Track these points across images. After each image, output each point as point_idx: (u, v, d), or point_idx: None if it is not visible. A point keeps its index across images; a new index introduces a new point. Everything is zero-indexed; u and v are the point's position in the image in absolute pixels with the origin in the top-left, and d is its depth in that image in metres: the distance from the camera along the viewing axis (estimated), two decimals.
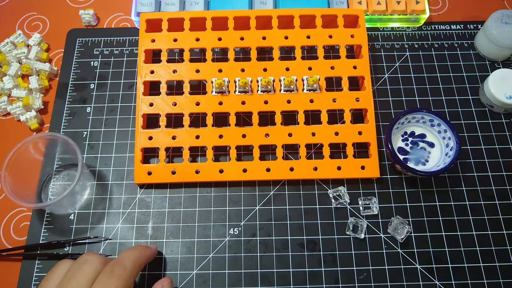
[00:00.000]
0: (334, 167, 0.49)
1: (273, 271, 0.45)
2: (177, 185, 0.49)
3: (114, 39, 0.58)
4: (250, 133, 0.49)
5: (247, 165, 0.48)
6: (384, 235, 0.47)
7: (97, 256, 0.37)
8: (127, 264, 0.37)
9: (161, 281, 0.40)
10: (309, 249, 0.46)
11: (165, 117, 0.50)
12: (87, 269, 0.35)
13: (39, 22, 0.61)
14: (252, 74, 0.51)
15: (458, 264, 0.46)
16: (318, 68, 0.51)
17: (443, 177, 0.50)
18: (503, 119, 0.53)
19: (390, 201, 0.49)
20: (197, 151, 0.51)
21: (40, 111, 0.54)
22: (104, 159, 0.51)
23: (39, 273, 0.45)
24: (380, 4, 0.57)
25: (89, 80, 0.55)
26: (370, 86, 0.51)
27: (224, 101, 0.50)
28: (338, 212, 0.48)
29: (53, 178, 0.50)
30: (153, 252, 0.44)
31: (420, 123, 0.50)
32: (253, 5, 0.57)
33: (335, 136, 0.49)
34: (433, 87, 0.55)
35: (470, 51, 0.57)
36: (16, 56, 0.56)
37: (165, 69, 0.51)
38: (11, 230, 0.48)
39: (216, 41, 0.52)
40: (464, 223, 0.48)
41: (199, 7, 0.56)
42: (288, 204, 0.49)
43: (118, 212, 0.48)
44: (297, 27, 0.52)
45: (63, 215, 0.48)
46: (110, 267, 0.36)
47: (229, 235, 0.47)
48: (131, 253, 0.39)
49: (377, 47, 0.57)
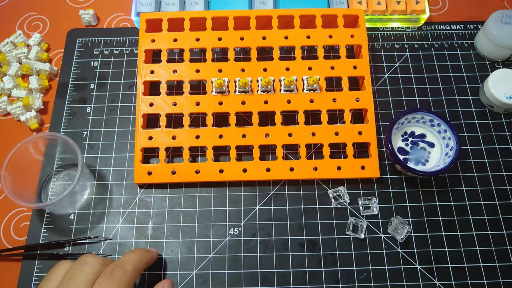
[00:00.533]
0: (334, 167, 0.49)
1: (273, 271, 0.45)
2: (177, 185, 0.49)
3: (114, 39, 0.58)
4: (250, 133, 0.49)
5: (247, 165, 0.48)
6: (384, 235, 0.47)
7: (97, 257, 0.37)
8: (127, 267, 0.37)
9: (161, 283, 0.40)
10: (309, 249, 0.46)
11: (165, 117, 0.50)
12: (87, 270, 0.35)
13: (39, 22, 0.61)
14: (252, 74, 0.51)
15: (458, 264, 0.46)
16: (318, 68, 0.51)
17: (443, 177, 0.50)
18: (503, 119, 0.53)
19: (390, 201, 0.49)
20: (197, 151, 0.51)
21: (40, 111, 0.55)
22: (104, 159, 0.51)
23: (39, 273, 0.45)
24: (380, 4, 0.57)
25: (89, 80, 0.55)
26: (370, 86, 0.51)
27: (224, 101, 0.50)
28: (338, 212, 0.48)
29: (53, 178, 0.50)
30: (154, 255, 0.44)
31: (420, 123, 0.50)
32: (253, 5, 0.57)
33: (335, 136, 0.49)
34: (433, 87, 0.55)
35: (470, 51, 0.57)
36: (16, 56, 0.56)
37: (165, 69, 0.51)
38: (11, 230, 0.48)
39: (216, 41, 0.52)
40: (464, 223, 0.48)
41: (199, 7, 0.56)
42: (288, 204, 0.49)
43: (118, 212, 0.48)
44: (297, 27, 0.52)
45: (63, 215, 0.48)
46: (110, 269, 0.36)
47: (229, 235, 0.47)
48: (132, 256, 0.39)
49: (377, 47, 0.57)
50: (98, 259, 0.37)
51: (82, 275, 0.35)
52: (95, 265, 0.36)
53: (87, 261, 0.36)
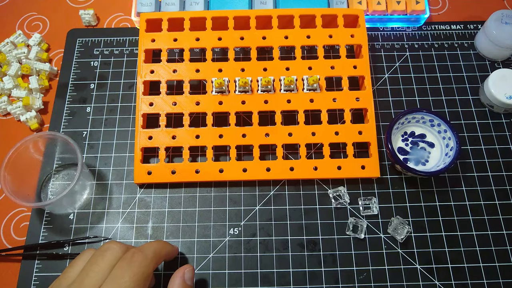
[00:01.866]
0: (334, 167, 0.49)
1: (273, 271, 0.45)
2: (177, 185, 0.49)
3: (114, 39, 0.58)
4: (250, 133, 0.49)
5: (247, 165, 0.48)
6: (384, 235, 0.47)
7: (119, 244, 0.38)
8: (148, 252, 0.38)
9: (181, 268, 0.40)
10: (309, 249, 0.46)
11: (165, 116, 0.50)
12: (109, 255, 0.36)
13: (39, 22, 0.61)
14: (252, 73, 0.51)
15: (458, 264, 0.46)
16: (318, 67, 0.51)
17: (443, 177, 0.50)
18: (503, 119, 0.53)
19: (390, 201, 0.49)
20: (197, 151, 0.51)
21: (40, 111, 0.54)
22: (104, 159, 0.51)
23: (38, 273, 0.45)
24: (380, 4, 0.57)
25: (89, 80, 0.55)
26: (370, 85, 0.51)
27: (224, 101, 0.50)
28: (338, 212, 0.48)
29: (52, 178, 0.50)
30: (175, 249, 0.44)
31: (420, 123, 0.50)
32: (253, 5, 0.57)
33: (335, 135, 0.49)
34: (433, 87, 0.55)
35: (470, 51, 0.57)
36: (16, 56, 0.56)
37: (165, 69, 0.51)
38: (11, 230, 0.48)
39: (216, 41, 0.52)
40: (464, 223, 0.47)
41: (199, 7, 0.56)
42: (288, 204, 0.48)
43: (118, 212, 0.48)
44: (297, 27, 0.52)
45: (62, 214, 0.48)
46: (131, 253, 0.37)
47: (229, 235, 0.47)
48: (153, 244, 0.40)
49: (377, 47, 0.57)
50: (120, 246, 0.37)
51: (104, 260, 0.36)
52: (117, 251, 0.37)
53: (109, 247, 0.37)
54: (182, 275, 0.39)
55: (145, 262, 0.37)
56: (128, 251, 0.37)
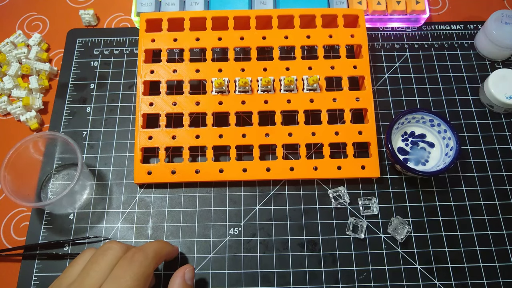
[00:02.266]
0: (334, 167, 0.49)
1: (273, 271, 0.45)
2: (177, 185, 0.49)
3: (114, 39, 0.58)
4: (250, 133, 0.49)
5: (247, 165, 0.48)
6: (384, 235, 0.47)
7: (120, 243, 0.38)
8: (148, 252, 0.38)
9: (182, 268, 0.40)
10: (309, 249, 0.46)
11: (165, 116, 0.50)
12: (110, 255, 0.36)
13: (39, 22, 0.61)
14: (252, 73, 0.51)
15: (458, 264, 0.46)
16: (318, 67, 0.51)
17: (443, 177, 0.50)
18: (503, 119, 0.53)
19: (390, 201, 0.49)
20: (197, 151, 0.51)
21: (40, 111, 0.54)
22: (104, 159, 0.51)
23: (38, 273, 0.45)
24: (380, 4, 0.57)
25: (89, 80, 0.55)
26: (370, 85, 0.51)
27: (224, 101, 0.50)
28: (338, 212, 0.48)
29: (52, 178, 0.50)
30: (175, 249, 0.44)
31: (420, 123, 0.50)
32: (253, 5, 0.57)
33: (335, 135, 0.49)
34: (433, 87, 0.55)
35: (470, 51, 0.57)
36: (16, 56, 0.56)
37: (165, 69, 0.51)
38: (11, 230, 0.48)
39: (216, 41, 0.52)
40: (464, 223, 0.47)
41: (199, 7, 0.56)
42: (288, 204, 0.48)
43: (118, 212, 0.48)
44: (297, 27, 0.52)
45: (62, 214, 0.48)
46: (132, 253, 0.37)
47: (229, 235, 0.47)
48: (154, 243, 0.40)
49: (377, 47, 0.57)
50: (121, 245, 0.38)
51: (105, 259, 0.36)
52: (118, 251, 0.37)
53: (110, 247, 0.37)
54: (183, 275, 0.39)
55: (146, 261, 0.37)
56: (128, 251, 0.37)
